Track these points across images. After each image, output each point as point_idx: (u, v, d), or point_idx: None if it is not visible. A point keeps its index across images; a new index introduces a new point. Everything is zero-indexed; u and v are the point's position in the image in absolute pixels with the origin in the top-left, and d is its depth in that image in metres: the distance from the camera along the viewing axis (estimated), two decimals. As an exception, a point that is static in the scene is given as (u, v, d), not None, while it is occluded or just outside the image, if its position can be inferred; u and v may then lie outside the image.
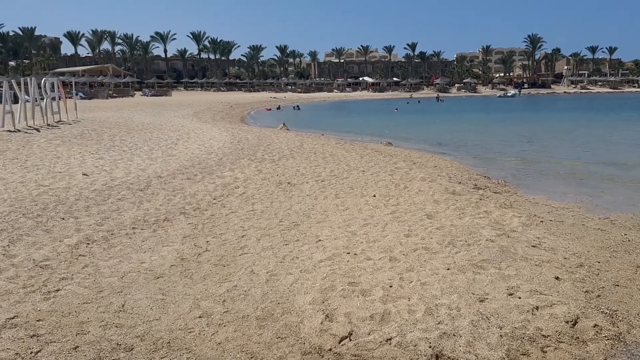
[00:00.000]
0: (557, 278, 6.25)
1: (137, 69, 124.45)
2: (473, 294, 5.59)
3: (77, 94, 73.20)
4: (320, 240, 7.73)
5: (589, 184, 13.28)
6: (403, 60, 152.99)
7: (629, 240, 8.01)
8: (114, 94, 76.90)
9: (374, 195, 10.62)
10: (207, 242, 7.69)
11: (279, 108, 61.55)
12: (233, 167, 13.94)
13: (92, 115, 30.05)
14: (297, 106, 64.06)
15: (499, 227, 8.20)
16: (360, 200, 10.26)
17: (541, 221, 9.02)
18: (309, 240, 7.73)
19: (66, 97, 27.46)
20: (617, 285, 6.22)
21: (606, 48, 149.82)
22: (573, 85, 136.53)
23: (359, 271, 6.34)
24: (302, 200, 10.48)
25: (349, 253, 7.01)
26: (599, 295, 5.81)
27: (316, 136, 24.11)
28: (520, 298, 5.50)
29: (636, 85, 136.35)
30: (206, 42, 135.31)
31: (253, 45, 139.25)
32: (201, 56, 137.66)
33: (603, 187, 12.84)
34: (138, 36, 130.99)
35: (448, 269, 6.33)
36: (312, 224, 8.72)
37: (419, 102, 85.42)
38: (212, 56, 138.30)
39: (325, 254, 7.00)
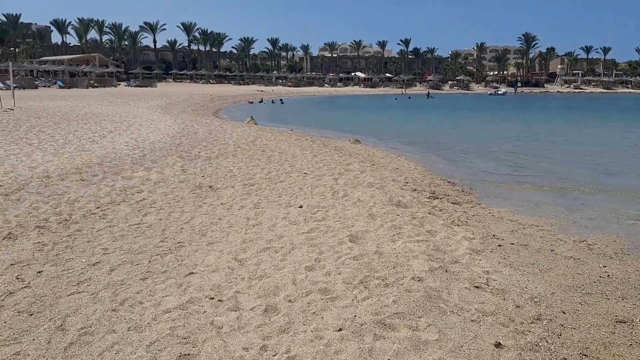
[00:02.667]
0: (498, 345, 4.29)
1: (125, 59, 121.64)
2: (357, 382, 3.62)
3: (55, 83, 71.17)
4: (192, 273, 5.72)
5: (568, 194, 11.32)
6: (397, 56, 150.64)
7: (608, 276, 6.07)
8: (96, 84, 74.36)
9: (301, 206, 8.62)
10: (39, 272, 5.68)
11: (261, 101, 59.56)
12: (152, 165, 11.90)
13: (40, 104, 27.70)
14: (281, 100, 62.03)
15: (438, 256, 6.22)
16: (281, 212, 8.26)
17: (499, 245, 7.07)
18: (177, 273, 5.73)
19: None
20: (585, 357, 4.28)
21: (600, 48, 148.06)
22: (566, 85, 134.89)
23: (208, 333, 4.34)
24: (211, 210, 8.49)
25: (212, 298, 5.01)
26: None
27: (280, 132, 22.08)
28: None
29: (630, 86, 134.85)
30: (196, 34, 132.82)
31: (244, 38, 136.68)
32: (191, 47, 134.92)
33: (584, 198, 10.88)
34: (127, 26, 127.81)
35: (340, 330, 4.34)
36: (201, 245, 6.72)
37: (409, 98, 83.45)
38: (202, 48, 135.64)
39: (180, 299, 5.00)
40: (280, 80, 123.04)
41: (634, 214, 9.32)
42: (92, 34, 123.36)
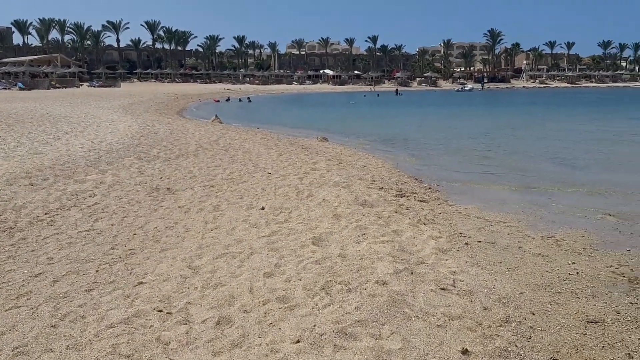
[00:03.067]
0: (465, 352, 4.04)
1: (88, 59, 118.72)
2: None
3: (15, 85, 68.98)
4: (142, 283, 5.34)
5: (534, 189, 11.22)
6: (365, 53, 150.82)
7: (577, 274, 5.91)
8: (57, 85, 72.31)
9: (263, 208, 8.27)
10: (-30, 287, 5.21)
11: (228, 100, 58.79)
12: (107, 167, 11.39)
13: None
14: (248, 98, 61.34)
15: (404, 257, 5.96)
16: (241, 215, 7.91)
17: (466, 243, 6.86)
18: (125, 283, 5.33)
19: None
20: (556, 361, 4.07)
21: (564, 43, 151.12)
22: (532, 80, 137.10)
23: (154, 350, 3.98)
24: (168, 214, 8.07)
25: (161, 311, 4.64)
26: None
27: (245, 131, 21.64)
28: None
29: (593, 80, 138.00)
30: (161, 32, 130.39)
31: (210, 36, 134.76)
32: (156, 46, 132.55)
33: (551, 193, 10.79)
34: (90, 25, 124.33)
35: (297, 342, 4.03)
36: (153, 252, 6.32)
37: (378, 95, 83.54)
38: (167, 46, 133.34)
39: (126, 312, 4.62)
40: (248, 79, 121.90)
41: (601, 208, 9.24)
42: (54, 34, 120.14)
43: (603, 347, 4.31)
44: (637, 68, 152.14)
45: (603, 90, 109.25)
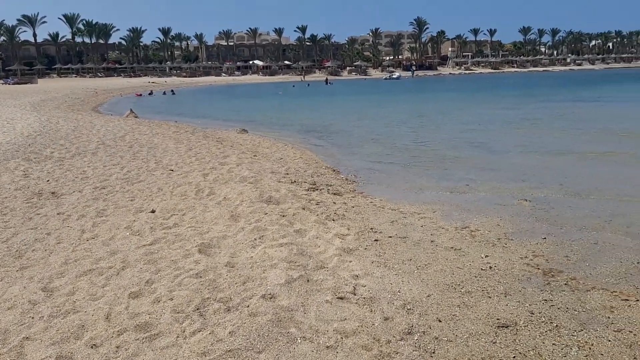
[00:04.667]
0: (355, 379, 3.37)
1: (4, 55, 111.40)
2: None
3: None
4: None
5: (453, 175, 10.85)
6: (294, 43, 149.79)
7: (490, 268, 5.41)
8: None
9: (153, 211, 7.35)
10: None
11: (150, 93, 56.47)
12: (-15, 172, 10.08)
13: None
14: (172, 91, 59.20)
15: (302, 262, 5.27)
16: (126, 220, 6.96)
17: (375, 240, 6.26)
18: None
19: None
20: (463, 380, 3.49)
21: (487, 30, 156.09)
22: (458, 67, 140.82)
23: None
24: (42, 222, 7.01)
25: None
26: None
27: (159, 124, 20.36)
28: None
29: (515, 65, 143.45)
30: (81, 25, 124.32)
31: (133, 28, 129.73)
32: (76, 40, 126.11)
33: (469, 178, 10.43)
34: (3, 20, 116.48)
35: (147, 386, 3.23)
36: (9, 271, 5.31)
37: (308, 85, 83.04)
38: (88, 40, 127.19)
39: (-62, 358, 3.66)
40: (175, 71, 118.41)
41: (517, 192, 8.95)
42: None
43: (514, 357, 3.77)
44: (555, 53, 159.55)
45: (524, 74, 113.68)
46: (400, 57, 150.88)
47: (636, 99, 33.73)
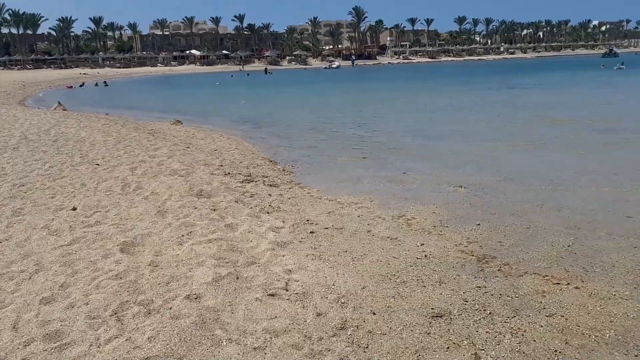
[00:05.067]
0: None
1: None
2: None
3: None
4: None
5: (391, 164, 10.82)
6: (232, 32, 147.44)
7: (425, 257, 5.34)
8: None
9: (74, 208, 6.87)
10: None
11: (82, 85, 54.13)
12: None
13: None
14: (105, 82, 56.99)
15: (231, 258, 5.01)
16: (44, 219, 6.46)
17: (311, 232, 6.07)
18: None
19: None
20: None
21: (424, 20, 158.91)
22: (396, 56, 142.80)
23: None
24: (-52, 225, 6.40)
25: None
26: None
27: (88, 117, 19.40)
28: None
29: (451, 54, 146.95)
30: (6, 15, 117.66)
31: (63, 18, 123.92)
32: (2, 31, 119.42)
33: (407, 166, 10.42)
34: None
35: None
36: None
37: (247, 75, 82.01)
38: (15, 31, 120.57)
39: None
40: (108, 62, 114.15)
41: (454, 180, 8.98)
42: None
43: (448, 347, 3.68)
44: (489, 42, 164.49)
45: (461, 64, 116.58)
46: (340, 46, 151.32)
47: (566, 86, 35.17)
